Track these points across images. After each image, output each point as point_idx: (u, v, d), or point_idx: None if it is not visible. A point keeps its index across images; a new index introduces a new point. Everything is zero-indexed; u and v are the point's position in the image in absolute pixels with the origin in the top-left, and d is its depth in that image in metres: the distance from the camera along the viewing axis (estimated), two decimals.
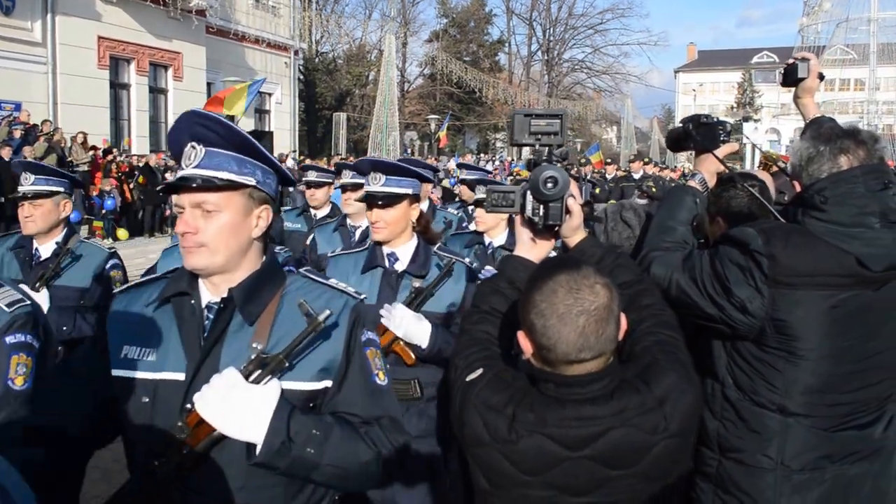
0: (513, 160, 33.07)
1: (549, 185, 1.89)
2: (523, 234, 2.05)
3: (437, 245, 3.18)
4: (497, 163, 33.32)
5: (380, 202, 3.01)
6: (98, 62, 20.86)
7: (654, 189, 7.39)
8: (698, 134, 2.46)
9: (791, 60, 2.60)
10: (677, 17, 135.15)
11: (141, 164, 18.50)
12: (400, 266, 3.07)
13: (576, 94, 49.23)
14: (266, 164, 1.81)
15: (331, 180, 5.61)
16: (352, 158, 28.74)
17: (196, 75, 24.27)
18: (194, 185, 1.71)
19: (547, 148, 2.01)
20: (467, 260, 3.20)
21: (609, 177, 14.76)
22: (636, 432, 1.62)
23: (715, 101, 59.48)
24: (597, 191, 13.24)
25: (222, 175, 1.73)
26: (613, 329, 1.63)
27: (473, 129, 47.33)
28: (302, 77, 36.98)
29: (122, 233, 17.22)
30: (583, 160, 13.14)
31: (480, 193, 4.14)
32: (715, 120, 2.49)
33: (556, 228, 1.99)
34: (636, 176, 12.99)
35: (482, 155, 41.73)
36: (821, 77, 2.58)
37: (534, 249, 2.03)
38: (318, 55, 42.34)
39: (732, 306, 2.10)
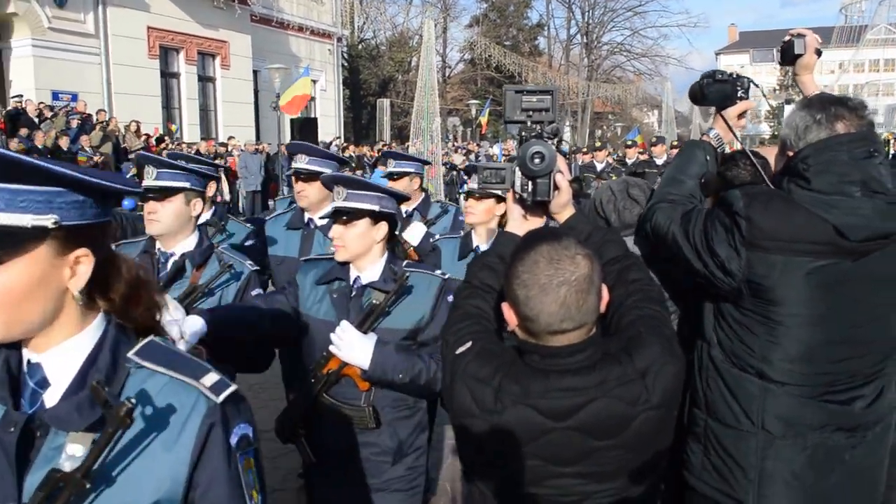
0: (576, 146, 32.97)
1: (537, 160, 1.91)
2: (514, 210, 2.09)
3: (406, 262, 2.90)
4: None
5: (344, 217, 2.74)
6: (148, 52, 21.34)
7: None
8: (711, 91, 2.44)
9: (787, 38, 2.55)
10: None
11: (192, 153, 18.88)
12: (363, 280, 2.80)
13: (615, 78, 48.81)
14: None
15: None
16: (395, 144, 29.00)
17: (242, 63, 24.66)
18: None
19: (538, 124, 2.02)
20: (438, 272, 2.88)
21: (630, 161, 13.06)
22: (618, 403, 1.64)
23: (757, 83, 58.42)
24: (612, 177, 12.42)
25: None
26: (594, 300, 1.65)
27: None
28: (346, 64, 37.21)
29: None
30: (629, 143, 12.75)
31: (473, 183, 3.76)
32: (733, 76, 2.45)
33: (546, 204, 2.01)
34: (659, 161, 11.57)
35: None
36: (818, 53, 2.52)
37: (525, 225, 2.05)
38: (360, 42, 42.55)
39: (714, 264, 2.13)
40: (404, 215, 4.74)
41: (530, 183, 1.97)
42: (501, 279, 1.82)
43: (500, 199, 3.55)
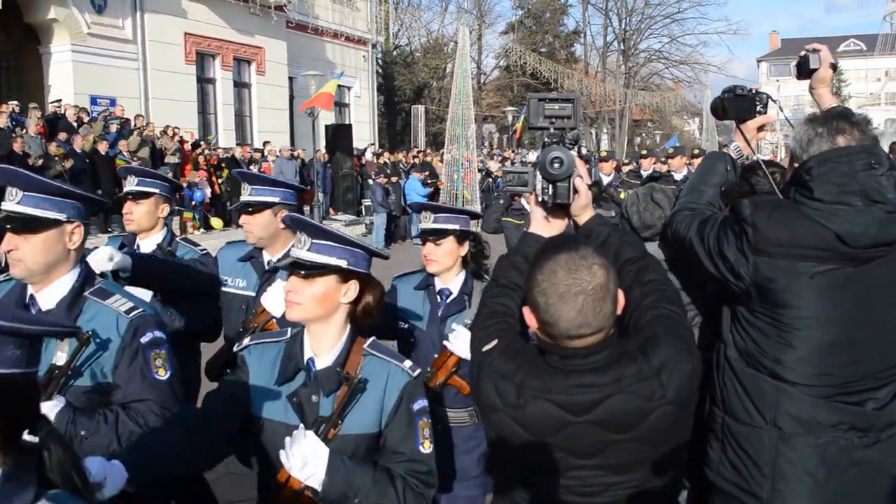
0: (591, 153, 32.68)
1: (556, 165, 2.02)
2: (537, 212, 2.16)
3: (370, 341, 2.29)
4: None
5: (302, 272, 2.17)
6: (185, 58, 21.44)
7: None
8: (732, 105, 2.57)
9: (803, 53, 2.64)
10: (760, 5, 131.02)
11: (227, 157, 18.93)
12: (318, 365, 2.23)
13: (654, 85, 48.34)
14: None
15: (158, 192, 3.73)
16: (430, 151, 28.92)
17: (278, 69, 24.71)
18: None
19: (560, 131, 2.12)
20: (406, 364, 2.26)
21: (645, 173, 11.16)
22: (634, 399, 1.73)
23: (799, 91, 57.60)
24: (622, 194, 8.98)
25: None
26: (610, 307, 1.74)
27: None
28: (381, 70, 37.26)
29: (216, 222, 17.69)
30: (671, 150, 12.00)
31: (427, 222, 3.20)
32: (752, 92, 2.58)
33: (566, 206, 2.11)
34: (678, 176, 9.69)
35: None
36: (833, 67, 2.61)
37: (547, 227, 2.15)
38: (395, 48, 42.63)
39: (725, 268, 2.27)
40: (266, 267, 3.48)
41: (550, 186, 2.06)
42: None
43: (463, 238, 3.21)
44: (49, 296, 2.34)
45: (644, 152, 10.64)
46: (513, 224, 6.70)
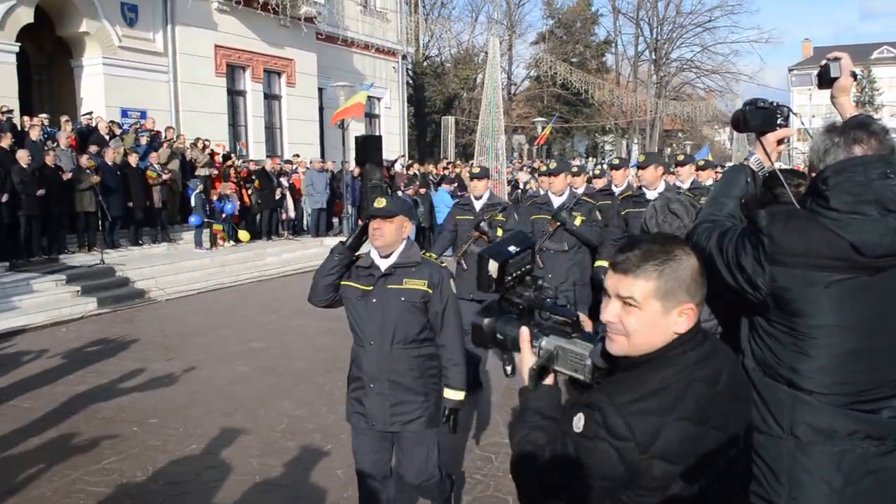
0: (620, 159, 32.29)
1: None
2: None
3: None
4: (602, 167, 32.51)
5: None
6: (216, 70, 21.50)
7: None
8: (753, 118, 2.55)
9: (824, 62, 2.64)
10: (794, 13, 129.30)
11: (258, 169, 18.87)
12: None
13: (685, 95, 47.87)
14: None
15: None
16: (459, 162, 28.74)
17: (308, 81, 24.72)
18: None
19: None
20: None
21: (618, 189, 8.79)
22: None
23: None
24: (578, 219, 7.18)
25: None
26: None
27: (581, 131, 46.62)
28: (411, 81, 37.19)
29: (243, 234, 17.62)
30: (641, 158, 10.49)
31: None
32: (774, 105, 2.56)
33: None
34: (683, 185, 8.13)
35: (590, 158, 41.06)
36: (854, 76, 2.60)
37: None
38: (426, 59, 42.59)
39: (743, 278, 2.26)
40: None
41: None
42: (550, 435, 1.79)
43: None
44: None
45: (616, 162, 9.21)
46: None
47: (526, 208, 7.42)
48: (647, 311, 1.70)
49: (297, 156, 21.66)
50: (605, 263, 5.27)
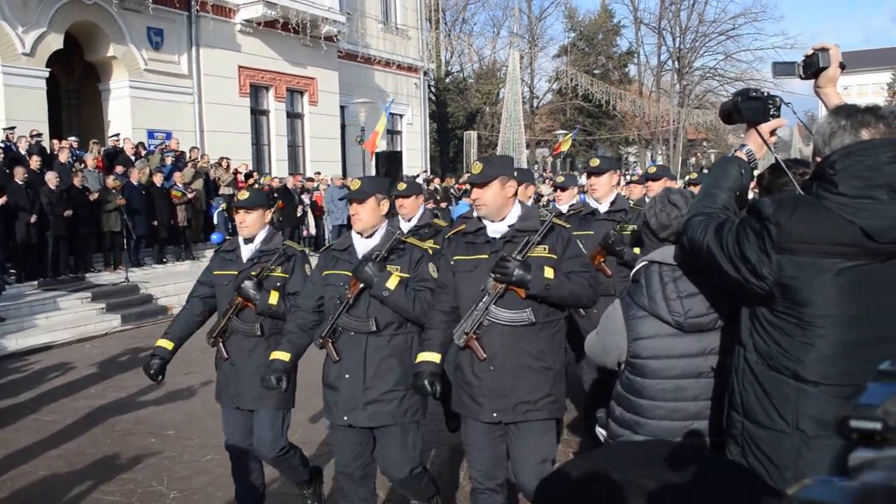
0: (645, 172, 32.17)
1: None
2: None
3: None
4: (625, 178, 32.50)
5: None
6: (239, 91, 21.88)
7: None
8: (746, 108, 2.55)
9: (811, 51, 2.60)
10: (823, 18, 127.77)
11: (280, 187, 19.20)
12: None
13: (708, 104, 47.67)
14: None
15: None
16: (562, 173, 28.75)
17: (330, 99, 25.06)
18: None
19: None
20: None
21: (563, 206, 6.83)
22: None
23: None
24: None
25: None
26: None
27: (605, 142, 46.61)
28: (433, 97, 37.44)
29: None
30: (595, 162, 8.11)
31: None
32: (765, 95, 2.56)
33: None
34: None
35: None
36: (842, 66, 2.57)
37: None
38: (447, 75, 42.88)
39: (747, 269, 2.22)
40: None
41: None
42: None
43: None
44: None
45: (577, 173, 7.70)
46: None
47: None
48: None
49: (319, 173, 21.98)
50: None
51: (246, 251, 4.39)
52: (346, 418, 3.84)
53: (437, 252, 3.90)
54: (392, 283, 3.68)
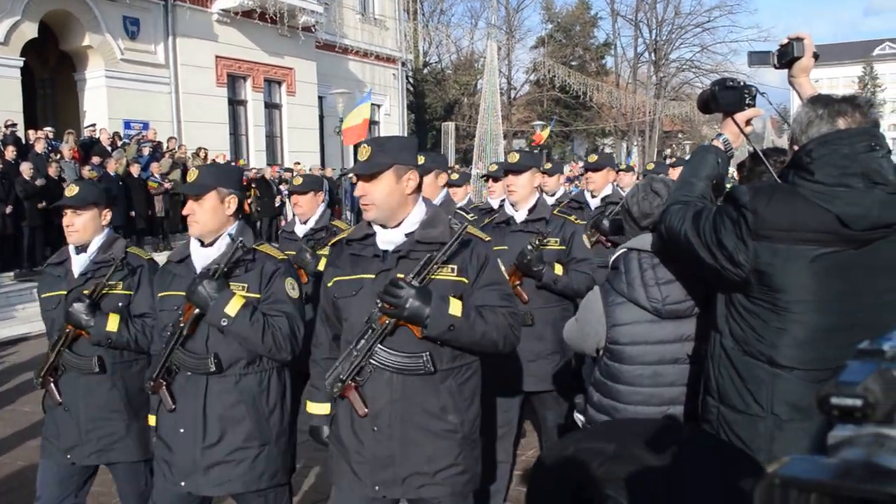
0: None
1: None
2: None
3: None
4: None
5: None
6: (217, 81, 21.73)
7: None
8: (723, 97, 2.58)
9: (785, 40, 2.63)
10: (795, 11, 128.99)
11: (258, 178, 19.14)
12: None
13: (684, 95, 47.96)
14: None
15: None
16: (458, 167, 28.91)
17: (308, 90, 24.95)
18: None
19: None
20: None
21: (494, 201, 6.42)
22: None
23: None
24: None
25: None
26: None
27: (582, 134, 46.78)
28: (411, 88, 37.36)
29: None
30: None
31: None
32: (741, 84, 2.60)
33: None
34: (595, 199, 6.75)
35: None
36: (815, 56, 2.59)
37: None
38: (425, 65, 42.80)
39: (723, 256, 2.26)
40: None
41: None
42: None
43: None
44: None
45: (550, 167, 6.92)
46: None
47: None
48: None
49: (298, 163, 21.93)
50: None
51: (77, 264, 3.47)
52: (183, 484, 2.97)
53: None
54: (233, 307, 2.80)
